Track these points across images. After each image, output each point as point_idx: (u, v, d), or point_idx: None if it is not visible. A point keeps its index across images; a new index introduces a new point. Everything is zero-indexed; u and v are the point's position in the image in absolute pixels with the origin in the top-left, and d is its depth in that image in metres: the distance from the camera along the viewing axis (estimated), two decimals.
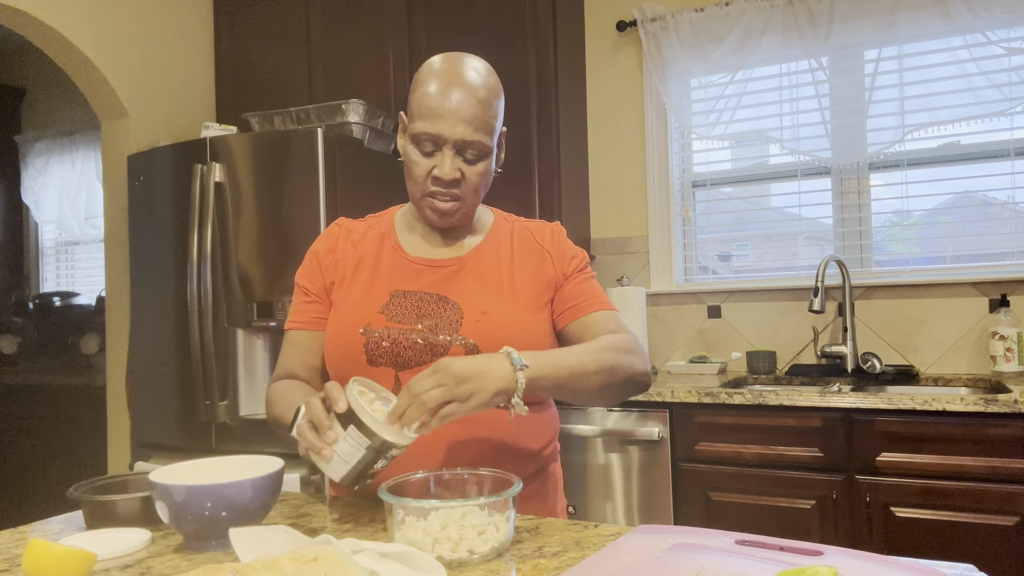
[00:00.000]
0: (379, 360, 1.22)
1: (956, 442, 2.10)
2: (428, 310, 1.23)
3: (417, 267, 1.28)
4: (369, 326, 1.22)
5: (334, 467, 0.99)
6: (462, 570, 0.90)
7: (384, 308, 1.24)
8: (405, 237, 1.33)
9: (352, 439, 0.98)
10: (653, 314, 3.16)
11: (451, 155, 1.19)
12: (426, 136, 1.19)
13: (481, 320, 1.22)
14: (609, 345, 1.19)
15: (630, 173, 3.22)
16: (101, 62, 3.03)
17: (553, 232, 1.34)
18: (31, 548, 0.87)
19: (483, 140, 1.19)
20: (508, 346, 1.07)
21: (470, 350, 1.20)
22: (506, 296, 1.25)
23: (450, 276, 1.27)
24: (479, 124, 1.18)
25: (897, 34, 2.76)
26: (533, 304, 1.26)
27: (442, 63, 1.21)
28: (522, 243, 1.32)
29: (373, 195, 2.75)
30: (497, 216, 1.37)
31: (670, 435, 2.45)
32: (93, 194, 4.50)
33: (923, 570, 0.82)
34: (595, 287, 1.32)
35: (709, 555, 0.88)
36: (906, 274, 2.82)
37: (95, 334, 4.25)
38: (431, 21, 3.08)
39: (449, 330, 1.21)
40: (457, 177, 1.20)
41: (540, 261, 1.30)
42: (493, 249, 1.30)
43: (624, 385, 1.19)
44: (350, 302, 1.27)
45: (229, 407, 2.64)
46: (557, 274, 1.30)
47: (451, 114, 1.17)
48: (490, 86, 1.21)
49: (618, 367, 1.17)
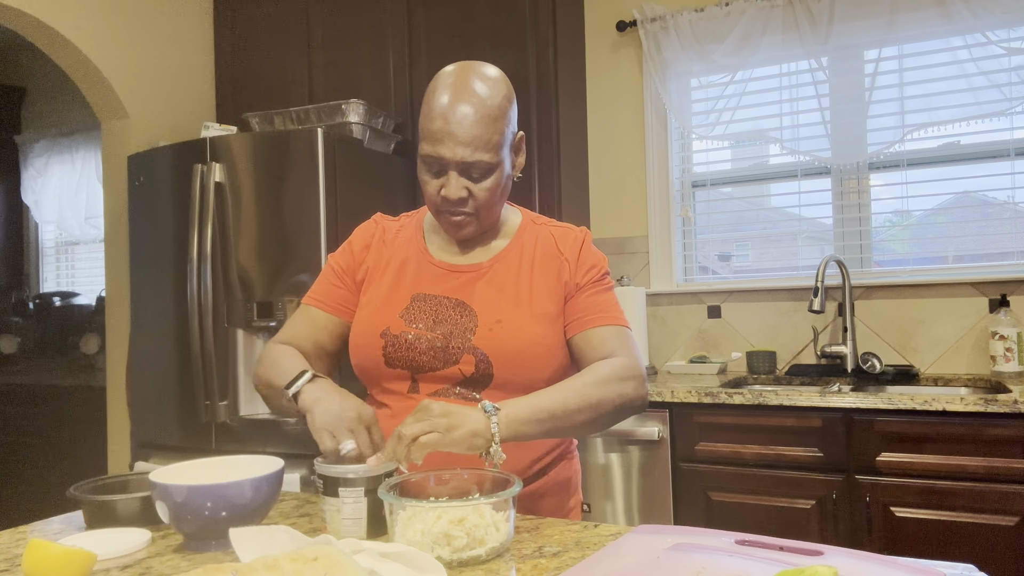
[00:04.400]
0: (395, 363, 1.24)
1: (956, 442, 2.10)
2: (445, 316, 1.24)
3: (440, 271, 1.29)
4: (388, 330, 1.24)
5: (352, 531, 1.01)
6: (462, 570, 0.90)
7: (404, 312, 1.25)
8: (432, 240, 1.33)
9: (349, 497, 1.01)
10: (653, 314, 3.16)
11: (456, 176, 1.19)
12: (430, 159, 1.19)
13: (494, 329, 1.22)
14: (597, 378, 1.17)
15: (630, 173, 3.22)
16: (101, 62, 3.03)
17: (575, 239, 1.32)
18: (31, 548, 0.87)
19: (485, 159, 1.18)
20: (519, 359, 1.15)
21: (480, 360, 1.21)
22: (523, 306, 1.25)
23: (470, 282, 1.27)
24: (479, 144, 1.17)
25: (897, 34, 2.76)
26: (549, 315, 1.25)
27: (445, 80, 1.20)
28: (544, 250, 1.31)
29: (373, 195, 2.75)
30: (525, 218, 1.36)
31: (670, 435, 2.45)
32: (93, 194, 4.49)
33: (923, 570, 0.82)
34: (606, 300, 1.29)
35: (709, 555, 0.88)
36: (906, 274, 2.82)
37: (95, 334, 4.25)
38: (431, 21, 3.08)
39: (462, 338, 1.22)
40: (464, 196, 1.20)
41: (557, 269, 1.29)
42: (516, 256, 1.30)
43: (614, 415, 1.19)
44: (374, 304, 1.29)
45: (229, 407, 2.64)
46: (570, 283, 1.28)
47: (450, 137, 1.16)
48: (494, 99, 1.19)
49: (605, 400, 1.16)
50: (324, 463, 1.04)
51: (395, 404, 1.26)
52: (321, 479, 1.03)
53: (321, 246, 2.52)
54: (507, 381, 1.22)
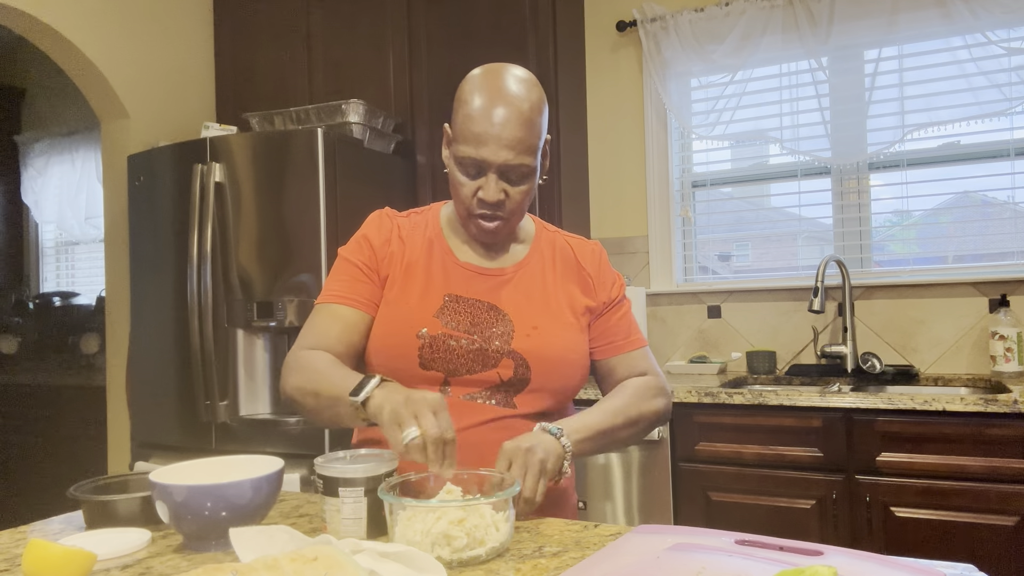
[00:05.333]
0: (431, 365, 1.21)
1: (956, 442, 2.10)
2: (481, 318, 1.24)
3: (469, 273, 1.28)
4: (426, 331, 1.22)
5: (352, 531, 1.01)
6: (462, 570, 0.90)
7: (439, 312, 1.23)
8: (453, 241, 1.31)
9: (349, 497, 1.01)
10: (653, 314, 3.16)
11: (495, 178, 1.18)
12: (469, 161, 1.18)
13: (531, 335, 1.23)
14: (635, 396, 1.27)
15: (630, 173, 3.22)
16: (101, 62, 3.03)
17: (594, 253, 1.35)
18: (31, 548, 0.87)
19: (528, 162, 1.18)
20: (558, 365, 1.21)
21: (519, 364, 1.22)
22: (552, 313, 1.27)
23: (500, 286, 1.27)
24: (523, 147, 1.16)
25: (897, 34, 2.76)
26: (574, 324, 1.28)
27: (484, 80, 1.18)
28: (564, 261, 1.32)
29: (373, 195, 2.75)
30: (537, 225, 1.36)
31: (670, 435, 2.45)
32: (93, 194, 4.49)
33: (923, 570, 0.82)
34: (630, 323, 1.35)
35: (709, 555, 0.88)
36: (906, 274, 2.82)
37: (95, 334, 4.25)
38: (431, 21, 3.08)
39: (502, 342, 1.23)
40: (502, 199, 1.19)
41: (581, 283, 1.31)
42: (538, 262, 1.31)
43: (647, 429, 1.30)
44: (407, 303, 1.24)
45: (229, 407, 2.64)
46: (598, 302, 1.31)
47: (494, 139, 1.15)
48: (533, 103, 1.18)
49: (642, 417, 1.26)
50: (325, 463, 1.04)
51: None
52: (321, 479, 1.03)
53: (321, 246, 2.52)
54: (542, 386, 1.23)
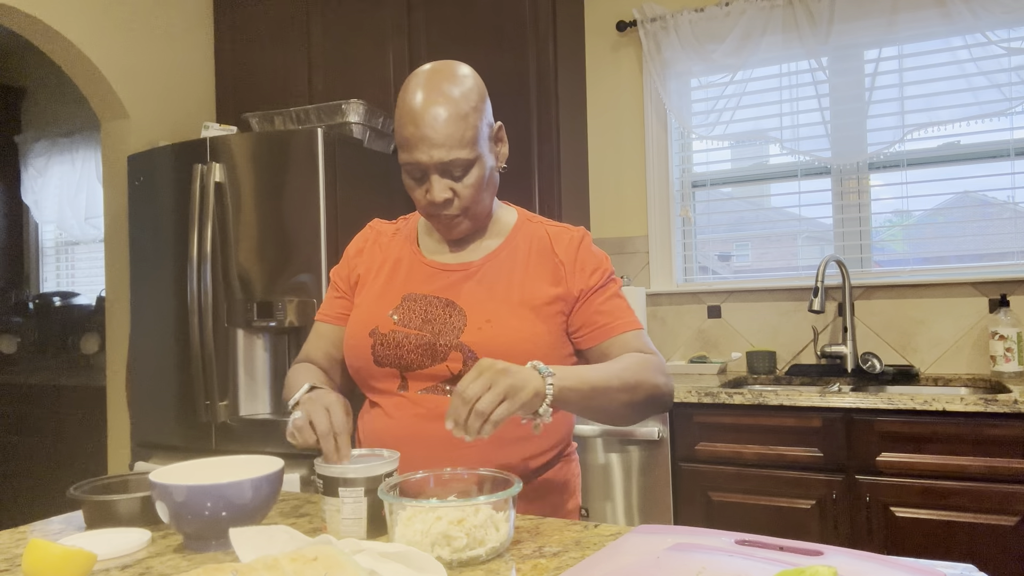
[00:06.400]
0: (384, 361, 1.26)
1: (956, 442, 2.10)
2: (434, 315, 1.25)
3: (431, 271, 1.30)
4: (377, 328, 1.26)
5: (352, 531, 1.01)
6: (462, 570, 0.90)
7: (395, 311, 1.27)
8: (425, 240, 1.35)
9: (349, 497, 1.00)
10: (653, 314, 3.16)
11: (437, 178, 1.19)
12: (410, 166, 1.20)
13: (483, 328, 1.22)
14: (635, 364, 1.20)
15: (630, 173, 3.22)
16: (101, 62, 3.03)
17: (571, 239, 1.30)
18: (31, 548, 0.87)
19: (463, 156, 1.18)
20: (509, 358, 1.07)
21: (468, 357, 1.21)
22: (513, 304, 1.24)
23: (462, 281, 1.27)
24: (454, 142, 1.17)
25: (897, 34, 2.76)
26: (540, 315, 1.24)
27: (408, 84, 1.20)
28: (539, 250, 1.30)
29: (373, 195, 2.75)
30: (521, 217, 1.35)
31: (670, 435, 2.45)
32: (93, 194, 4.49)
33: (923, 570, 0.82)
34: (620, 305, 1.29)
35: (709, 555, 0.88)
36: (906, 274, 2.82)
37: (95, 334, 4.25)
38: (431, 21, 3.08)
39: (450, 336, 1.22)
40: (449, 197, 1.20)
41: (552, 271, 1.28)
42: (508, 255, 1.29)
43: (646, 403, 1.21)
44: (365, 304, 1.31)
45: (229, 407, 2.64)
46: (574, 289, 1.27)
47: (422, 140, 1.16)
48: (459, 96, 1.18)
49: (641, 385, 1.18)
50: (324, 463, 1.04)
51: (386, 403, 1.27)
52: (321, 479, 1.03)
53: (321, 246, 2.52)
54: None
